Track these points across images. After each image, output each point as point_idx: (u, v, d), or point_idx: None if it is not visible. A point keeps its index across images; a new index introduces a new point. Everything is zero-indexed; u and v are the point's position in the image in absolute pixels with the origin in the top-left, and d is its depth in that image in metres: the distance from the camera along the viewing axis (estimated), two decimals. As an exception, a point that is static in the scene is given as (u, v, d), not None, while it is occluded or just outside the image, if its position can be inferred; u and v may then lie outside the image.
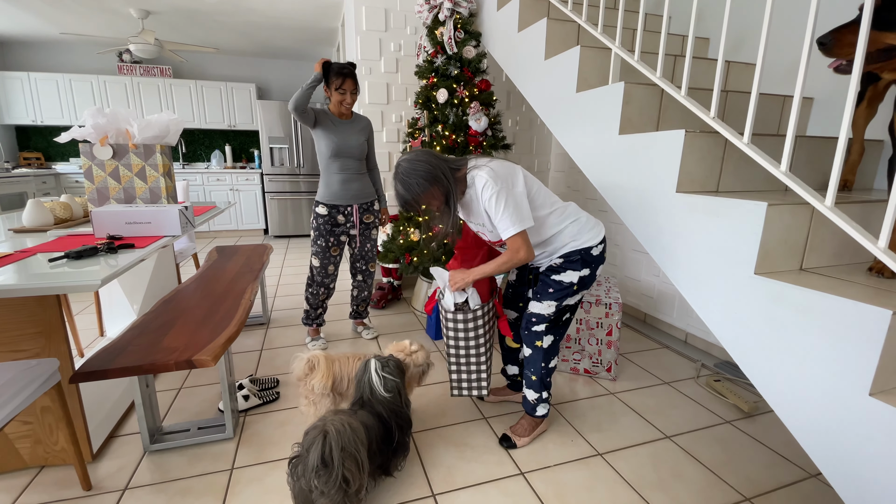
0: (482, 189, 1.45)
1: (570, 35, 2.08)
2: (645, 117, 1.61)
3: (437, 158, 1.49)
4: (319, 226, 2.30)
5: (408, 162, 1.47)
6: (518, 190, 1.47)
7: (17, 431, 1.47)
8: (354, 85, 2.17)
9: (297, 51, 5.64)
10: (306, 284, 2.45)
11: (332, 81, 2.14)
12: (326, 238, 2.31)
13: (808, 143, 1.50)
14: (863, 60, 0.91)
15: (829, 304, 0.94)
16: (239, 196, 5.67)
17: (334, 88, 2.15)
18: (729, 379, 2.18)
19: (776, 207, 1.09)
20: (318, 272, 2.38)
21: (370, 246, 2.48)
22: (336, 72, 2.12)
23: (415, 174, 1.45)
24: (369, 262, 2.51)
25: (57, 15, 4.24)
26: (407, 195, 1.48)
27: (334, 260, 2.37)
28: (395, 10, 3.20)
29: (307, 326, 2.55)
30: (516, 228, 1.43)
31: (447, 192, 1.48)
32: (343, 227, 2.34)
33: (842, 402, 0.93)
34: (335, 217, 2.30)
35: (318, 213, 2.31)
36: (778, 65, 2.04)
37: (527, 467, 1.58)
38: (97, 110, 1.82)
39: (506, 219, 1.43)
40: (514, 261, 1.48)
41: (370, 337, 2.64)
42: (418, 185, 1.45)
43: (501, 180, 1.45)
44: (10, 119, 5.14)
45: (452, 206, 1.49)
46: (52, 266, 1.27)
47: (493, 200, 1.43)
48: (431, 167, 1.45)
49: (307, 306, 2.49)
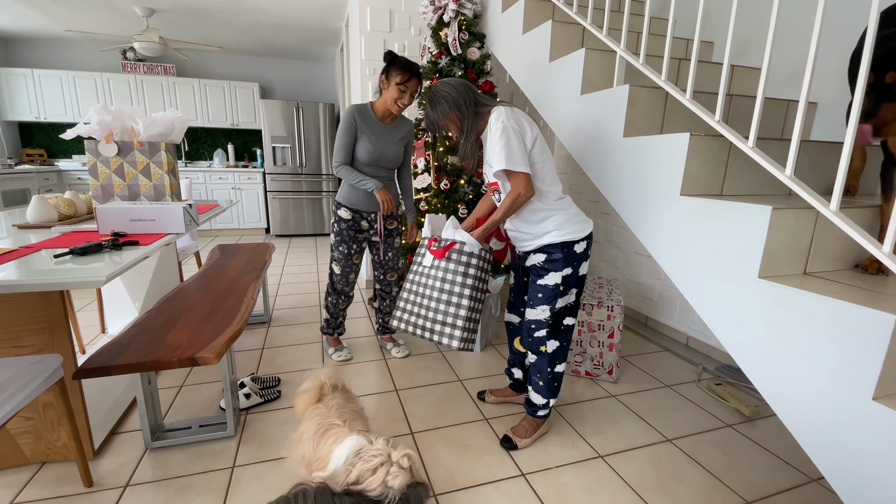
0: (494, 121, 1.49)
1: (575, 37, 2.08)
2: (649, 120, 1.61)
3: (468, 90, 1.58)
4: (342, 231, 2.13)
5: (441, 84, 1.60)
6: (525, 139, 1.50)
7: (19, 427, 1.47)
8: (418, 87, 1.99)
9: (301, 50, 5.65)
10: (326, 293, 2.33)
11: (394, 74, 1.93)
12: (349, 245, 2.15)
13: (812, 148, 1.50)
14: (868, 65, 0.91)
15: (833, 309, 0.94)
16: (241, 195, 5.68)
17: (395, 83, 1.93)
18: (730, 382, 2.18)
19: (781, 211, 1.09)
20: (338, 280, 2.23)
21: (392, 254, 2.29)
22: (403, 65, 1.93)
23: (441, 97, 1.57)
24: (388, 272, 2.32)
25: (62, 12, 4.25)
26: (431, 115, 1.61)
27: (356, 268, 2.24)
28: (399, 11, 3.20)
29: (327, 336, 2.42)
30: (503, 165, 1.45)
31: (464, 120, 1.57)
32: (366, 233, 2.20)
33: (845, 406, 0.93)
34: (359, 223, 2.15)
35: (340, 217, 2.12)
36: (783, 69, 2.04)
37: (528, 469, 1.58)
38: (103, 107, 1.83)
39: (500, 151, 1.45)
40: (517, 199, 1.49)
41: (401, 355, 2.39)
42: (440, 107, 1.57)
43: (514, 121, 1.48)
44: (13, 115, 5.15)
45: (465, 134, 1.58)
46: (57, 262, 1.27)
47: (498, 133, 1.46)
48: (458, 95, 1.56)
49: (327, 315, 2.37)
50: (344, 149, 2.03)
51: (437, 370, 2.28)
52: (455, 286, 1.59)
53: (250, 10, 4.14)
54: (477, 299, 1.62)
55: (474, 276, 1.59)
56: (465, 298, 1.58)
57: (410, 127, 2.20)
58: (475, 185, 2.78)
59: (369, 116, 2.04)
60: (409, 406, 1.95)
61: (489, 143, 1.52)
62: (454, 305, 1.59)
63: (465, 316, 1.58)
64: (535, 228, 1.58)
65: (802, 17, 1.95)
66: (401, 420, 1.84)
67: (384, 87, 2.01)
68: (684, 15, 2.50)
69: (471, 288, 1.59)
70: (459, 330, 1.58)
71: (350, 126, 2.01)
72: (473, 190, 2.75)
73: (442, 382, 2.15)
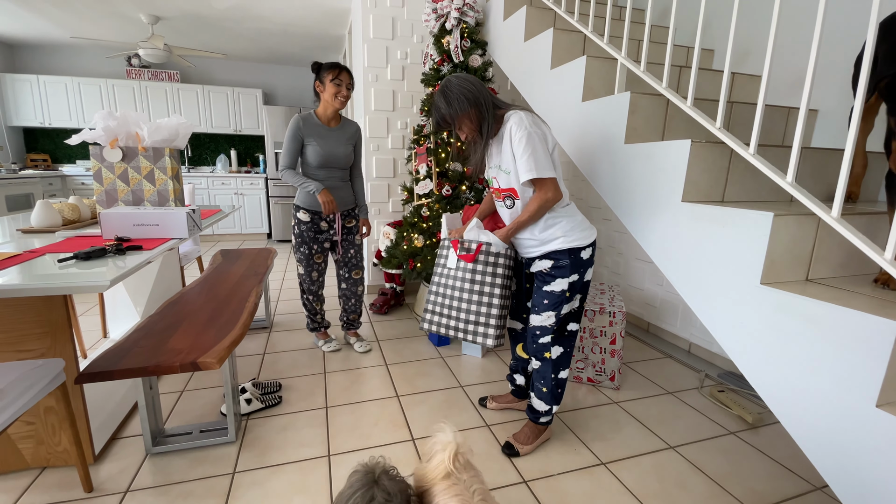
0: (516, 127, 1.47)
1: (576, 45, 2.10)
2: (650, 127, 1.62)
3: (484, 89, 1.54)
4: (302, 233, 2.24)
5: (458, 79, 1.54)
6: (548, 144, 1.50)
7: (20, 432, 1.47)
8: (350, 79, 2.11)
9: (304, 57, 5.70)
10: (300, 291, 2.45)
11: (326, 74, 2.07)
12: (310, 245, 2.26)
13: (813, 155, 1.51)
14: (868, 72, 0.92)
15: (836, 315, 0.94)
16: (243, 200, 5.70)
17: (329, 80, 2.06)
18: (733, 390, 2.17)
19: (782, 218, 1.10)
20: (304, 279, 2.36)
21: (354, 251, 2.40)
22: (330, 65, 2.07)
23: (460, 91, 1.51)
24: (353, 269, 2.41)
25: (68, 19, 4.30)
26: (447, 110, 1.53)
27: (318, 267, 2.34)
28: (402, 19, 3.23)
29: (314, 332, 2.57)
30: (532, 174, 1.44)
31: (482, 120, 1.53)
32: (326, 233, 2.30)
33: (848, 413, 0.93)
34: (318, 224, 2.25)
35: (300, 220, 2.23)
36: (783, 76, 2.06)
37: (529, 476, 1.58)
38: (108, 113, 1.84)
39: (528, 160, 1.44)
40: (545, 204, 1.50)
41: (363, 350, 2.52)
42: (460, 104, 1.51)
43: (536, 126, 1.48)
44: (18, 121, 5.19)
45: (485, 135, 1.54)
46: (61, 266, 1.28)
47: (524, 141, 1.44)
48: (477, 92, 1.52)
49: (306, 312, 2.51)
50: (288, 154, 2.14)
51: (438, 376, 2.27)
52: (486, 286, 1.65)
53: (254, 17, 4.18)
54: (506, 297, 1.69)
55: (502, 274, 1.65)
56: (495, 297, 1.65)
57: (357, 128, 2.29)
58: (476, 190, 2.79)
59: (313, 122, 2.16)
60: (411, 412, 1.94)
61: (510, 150, 1.50)
62: (486, 305, 1.65)
63: (497, 314, 1.65)
64: (541, 234, 1.57)
65: (803, 25, 1.96)
66: (402, 426, 1.84)
67: (321, 91, 2.13)
68: (685, 23, 2.52)
69: (500, 287, 1.65)
70: (493, 328, 1.66)
71: (295, 134, 2.13)
72: (475, 196, 2.76)
73: (443, 388, 2.15)
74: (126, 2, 3.81)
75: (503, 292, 1.66)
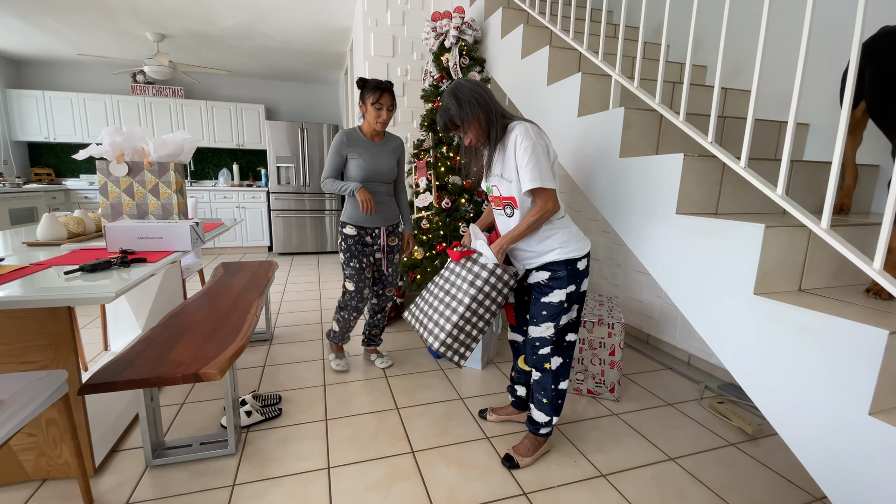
0: (521, 137, 1.48)
1: (572, 62, 2.15)
2: (645, 141, 1.65)
3: (493, 96, 1.57)
4: (350, 247, 2.20)
5: (469, 83, 1.56)
6: (550, 156, 1.52)
7: (22, 443, 1.48)
8: (392, 101, 2.12)
9: (306, 73, 5.80)
10: (337, 308, 2.35)
11: (368, 96, 2.09)
12: (359, 259, 2.22)
13: (804, 168, 1.54)
14: (853, 90, 0.95)
15: (828, 325, 0.96)
16: (245, 213, 5.74)
17: (370, 103, 2.09)
18: (732, 401, 2.17)
19: (773, 229, 1.12)
20: (352, 296, 2.27)
21: (392, 270, 2.38)
22: (373, 86, 2.08)
23: (472, 95, 1.53)
24: (387, 287, 2.40)
25: (75, 37, 4.40)
26: (457, 112, 1.54)
27: (368, 282, 2.28)
28: (402, 37, 3.31)
29: (332, 342, 2.47)
30: (536, 183, 1.46)
31: (491, 125, 1.55)
32: (371, 248, 2.27)
33: (842, 421, 0.94)
34: (363, 238, 2.23)
35: (347, 234, 2.21)
36: (774, 91, 2.10)
37: (529, 488, 1.57)
38: (115, 129, 1.88)
39: (532, 170, 1.46)
40: (544, 215, 1.52)
41: (384, 366, 2.49)
42: (471, 106, 1.52)
43: (540, 138, 1.50)
44: (23, 136, 5.26)
45: (492, 142, 1.55)
46: (68, 278, 1.30)
47: (529, 151, 1.46)
48: (488, 98, 1.55)
49: (336, 328, 2.40)
50: (330, 167, 2.17)
51: (438, 388, 2.27)
52: (459, 292, 1.61)
53: (258, 35, 4.27)
54: (475, 313, 1.57)
55: (480, 288, 1.56)
56: (461, 305, 1.57)
57: (400, 142, 2.31)
58: (476, 203, 2.82)
59: (358, 138, 2.18)
60: (410, 424, 1.94)
61: (513, 160, 1.52)
62: (450, 309, 1.60)
63: (454, 322, 1.56)
64: (538, 246, 1.60)
65: (793, 42, 2.02)
66: (402, 438, 1.84)
67: (363, 111, 2.16)
68: (678, 40, 2.58)
69: (471, 298, 1.55)
70: (444, 334, 1.56)
71: (339, 149, 2.15)
72: (474, 208, 2.79)
73: (443, 401, 2.15)
74: (133, 21, 3.90)
75: (472, 304, 1.56)
